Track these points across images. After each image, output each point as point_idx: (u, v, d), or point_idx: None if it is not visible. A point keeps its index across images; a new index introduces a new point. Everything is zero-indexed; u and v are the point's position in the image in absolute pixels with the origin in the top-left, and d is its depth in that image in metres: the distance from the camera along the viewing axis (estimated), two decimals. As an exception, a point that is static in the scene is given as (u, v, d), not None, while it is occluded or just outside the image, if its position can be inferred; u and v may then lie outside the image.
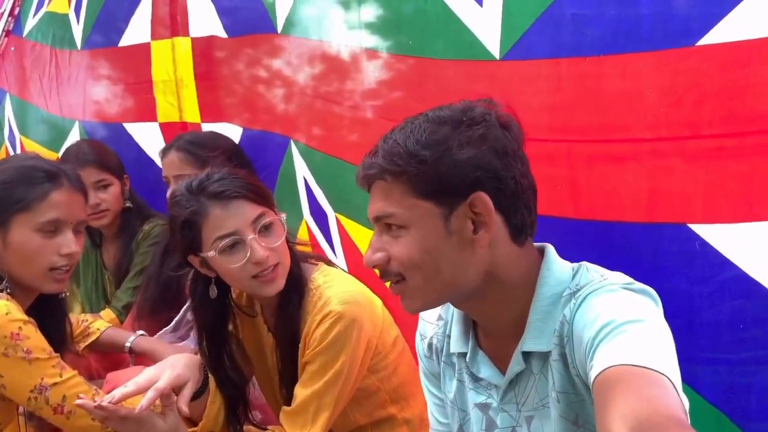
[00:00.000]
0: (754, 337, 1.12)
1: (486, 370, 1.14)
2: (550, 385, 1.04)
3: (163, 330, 2.11)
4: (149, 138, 2.83)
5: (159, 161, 2.34)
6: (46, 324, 1.57)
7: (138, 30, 2.82)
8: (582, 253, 1.14)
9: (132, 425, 1.41)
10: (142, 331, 2.07)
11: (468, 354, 1.16)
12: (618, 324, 0.90)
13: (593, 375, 0.87)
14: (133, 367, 1.98)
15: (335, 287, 1.52)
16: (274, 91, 2.20)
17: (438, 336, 1.24)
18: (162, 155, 2.28)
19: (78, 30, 3.19)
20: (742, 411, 1.16)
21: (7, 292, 1.54)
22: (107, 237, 2.55)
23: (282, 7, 2.06)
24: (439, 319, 1.25)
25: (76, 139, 3.16)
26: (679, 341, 0.93)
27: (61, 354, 1.58)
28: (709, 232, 1.13)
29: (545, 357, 1.05)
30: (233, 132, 2.43)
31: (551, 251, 1.10)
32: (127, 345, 1.99)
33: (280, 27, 2.09)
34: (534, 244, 1.10)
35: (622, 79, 1.16)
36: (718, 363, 1.16)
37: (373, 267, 1.08)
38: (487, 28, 1.35)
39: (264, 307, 1.64)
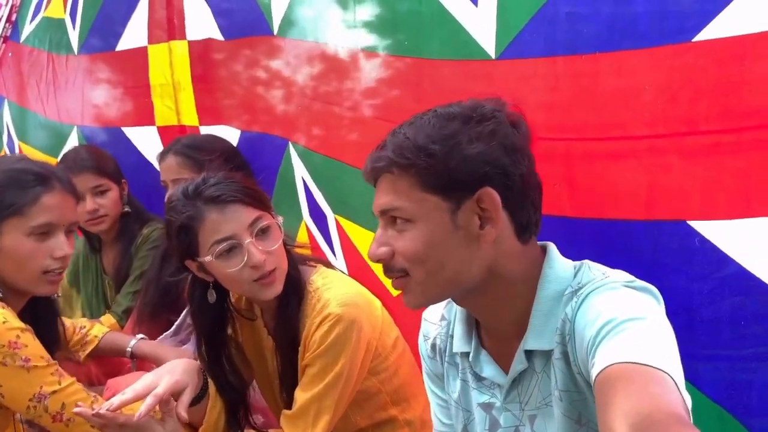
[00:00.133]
0: (755, 334, 1.12)
1: (489, 369, 1.14)
2: (552, 384, 1.04)
3: (164, 334, 2.11)
4: (147, 142, 2.82)
5: (157, 165, 2.33)
6: (38, 326, 1.56)
7: (135, 34, 2.81)
8: (580, 252, 1.14)
9: None
10: (142, 335, 2.06)
11: (471, 353, 1.15)
12: (619, 322, 0.89)
13: (595, 373, 0.86)
14: (134, 373, 1.97)
15: (334, 289, 1.51)
16: (271, 93, 2.19)
17: (441, 336, 1.24)
18: (159, 159, 2.27)
19: (74, 35, 3.18)
20: (743, 407, 1.15)
21: None
22: (106, 242, 2.54)
23: (278, 9, 2.06)
24: (442, 320, 1.25)
25: (74, 145, 3.16)
26: (680, 338, 0.92)
27: (53, 354, 1.57)
28: (708, 228, 1.12)
29: (548, 355, 1.05)
30: (231, 134, 2.43)
31: (553, 249, 1.10)
32: (128, 349, 1.99)
33: (276, 29, 2.09)
34: (537, 242, 1.10)
35: (618, 77, 1.15)
36: (719, 360, 1.16)
37: (377, 261, 1.07)
38: (483, 27, 1.34)
39: (263, 311, 1.64)
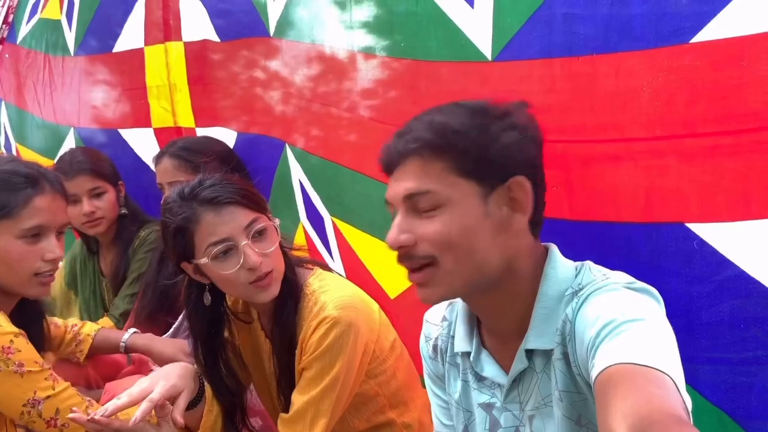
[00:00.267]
0: (754, 337, 1.11)
1: (490, 368, 1.14)
2: (553, 384, 1.04)
3: (162, 337, 2.10)
4: (144, 143, 2.81)
5: (154, 167, 2.32)
6: (24, 326, 1.55)
7: (131, 35, 2.81)
8: (578, 255, 1.14)
9: None
10: (134, 329, 2.05)
11: (472, 353, 1.16)
12: (619, 323, 0.89)
13: (594, 374, 0.86)
14: (132, 377, 1.97)
15: (331, 292, 1.50)
16: (267, 95, 2.18)
17: (442, 337, 1.24)
18: (155, 162, 2.27)
19: (71, 36, 3.17)
20: (743, 410, 1.15)
21: None
22: (104, 244, 2.54)
23: (274, 10, 2.05)
24: (444, 320, 1.25)
25: (71, 146, 3.15)
26: (680, 341, 0.92)
27: (41, 354, 1.55)
28: (707, 231, 1.11)
29: (548, 355, 1.05)
30: (228, 136, 2.42)
31: (556, 250, 1.10)
32: (122, 344, 1.98)
33: (272, 30, 2.08)
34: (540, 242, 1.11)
35: (615, 78, 1.14)
36: (718, 362, 1.15)
37: (399, 248, 1.03)
38: (479, 29, 1.33)
39: (260, 313, 1.63)
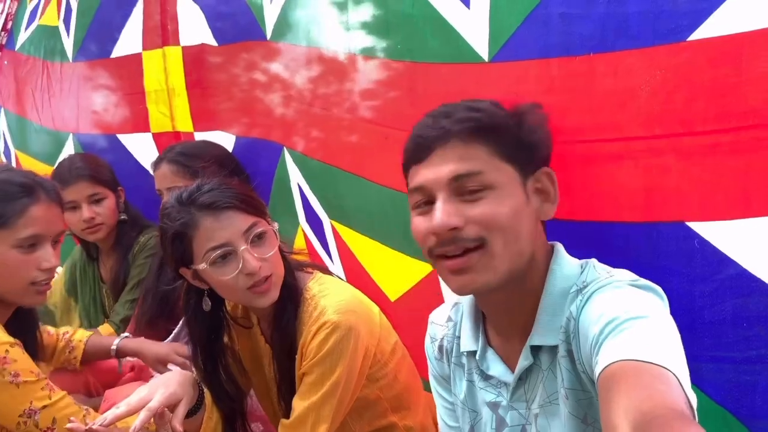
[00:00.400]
0: (757, 335, 1.10)
1: (496, 367, 1.14)
2: (559, 382, 1.04)
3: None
4: (143, 149, 2.81)
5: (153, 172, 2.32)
6: (19, 336, 1.54)
7: (129, 40, 2.81)
8: (579, 255, 1.14)
9: None
10: (126, 333, 2.06)
11: (478, 352, 1.16)
12: (623, 320, 0.89)
13: (598, 370, 0.86)
14: (132, 384, 1.97)
15: (331, 296, 1.49)
16: (265, 98, 2.17)
17: (448, 337, 1.24)
18: (154, 168, 2.26)
19: (68, 42, 3.17)
20: (747, 409, 1.14)
21: None
22: (103, 250, 2.54)
23: (270, 14, 2.04)
24: (449, 321, 1.25)
25: (70, 152, 3.15)
26: (683, 340, 0.92)
27: (35, 362, 1.55)
28: (708, 229, 1.10)
29: (554, 352, 1.05)
30: (226, 140, 2.42)
31: (561, 248, 1.11)
32: (113, 348, 1.99)
33: (269, 33, 2.07)
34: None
35: (613, 78, 1.13)
36: (722, 361, 1.14)
37: (450, 230, 1.00)
38: (475, 30, 1.32)
39: (260, 318, 1.62)
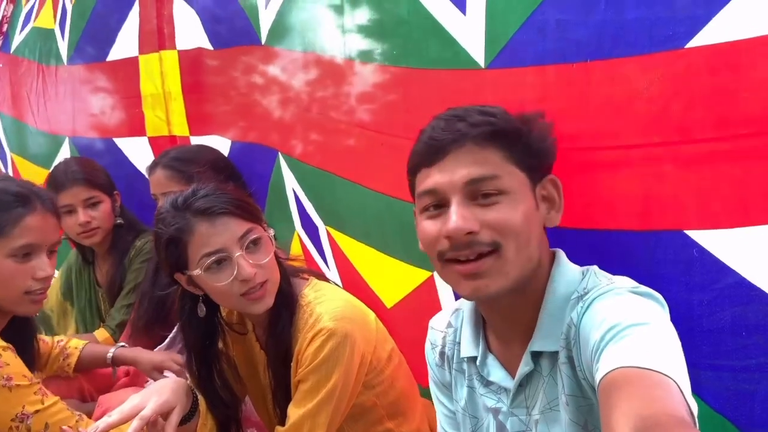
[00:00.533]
0: (756, 344, 1.10)
1: (496, 372, 1.14)
2: (559, 388, 1.04)
3: (158, 348, 2.10)
4: (139, 153, 2.80)
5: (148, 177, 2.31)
6: (16, 345, 1.53)
7: (126, 44, 2.80)
8: (577, 263, 1.13)
9: None
10: (122, 343, 2.06)
11: (478, 358, 1.15)
12: (624, 327, 0.89)
13: (599, 377, 0.86)
14: (126, 389, 1.96)
15: (326, 303, 1.48)
16: (260, 103, 2.16)
17: (449, 344, 1.24)
18: (149, 172, 2.25)
19: (64, 45, 3.16)
20: (746, 418, 1.13)
21: None
22: (99, 254, 2.53)
23: (265, 19, 2.03)
24: (449, 327, 1.25)
25: (66, 156, 3.14)
26: (682, 348, 0.91)
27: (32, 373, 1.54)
28: (707, 238, 1.10)
29: (554, 359, 1.04)
30: (222, 144, 2.40)
31: (563, 255, 1.10)
32: (108, 356, 1.98)
33: (263, 38, 2.06)
34: None
35: (610, 85, 1.13)
36: (721, 370, 1.13)
37: (466, 234, 1.00)
38: (472, 36, 1.31)
39: (255, 325, 1.61)
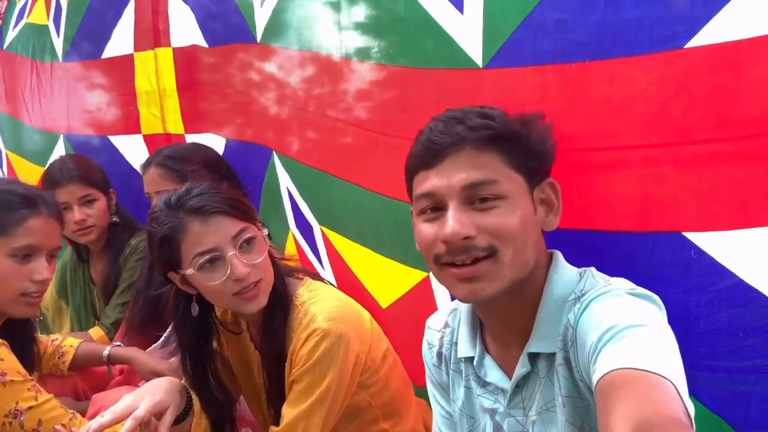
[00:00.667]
0: (753, 345, 1.09)
1: (493, 373, 1.13)
2: (556, 390, 1.03)
3: (152, 347, 2.10)
4: (134, 150, 2.79)
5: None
6: (13, 347, 1.53)
7: (121, 41, 2.79)
8: (575, 264, 1.12)
9: None
10: (118, 343, 2.05)
11: (475, 358, 1.15)
12: (621, 328, 0.89)
13: (596, 379, 0.86)
14: (120, 388, 1.95)
15: (321, 303, 1.48)
16: (255, 101, 2.16)
17: (446, 344, 1.24)
18: (142, 171, 2.25)
19: (58, 42, 3.14)
20: (742, 419, 1.13)
21: None
22: (94, 252, 2.52)
23: (261, 17, 2.02)
24: (446, 327, 1.25)
25: (61, 154, 3.13)
26: (679, 350, 0.91)
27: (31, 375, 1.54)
28: (705, 239, 1.09)
29: (551, 359, 1.04)
30: (217, 143, 2.40)
31: (560, 256, 1.10)
32: (104, 355, 1.99)
33: (259, 36, 2.05)
34: None
35: (609, 85, 1.12)
36: (717, 371, 1.13)
37: (463, 239, 1.00)
38: (469, 35, 1.30)
39: (249, 324, 1.61)
